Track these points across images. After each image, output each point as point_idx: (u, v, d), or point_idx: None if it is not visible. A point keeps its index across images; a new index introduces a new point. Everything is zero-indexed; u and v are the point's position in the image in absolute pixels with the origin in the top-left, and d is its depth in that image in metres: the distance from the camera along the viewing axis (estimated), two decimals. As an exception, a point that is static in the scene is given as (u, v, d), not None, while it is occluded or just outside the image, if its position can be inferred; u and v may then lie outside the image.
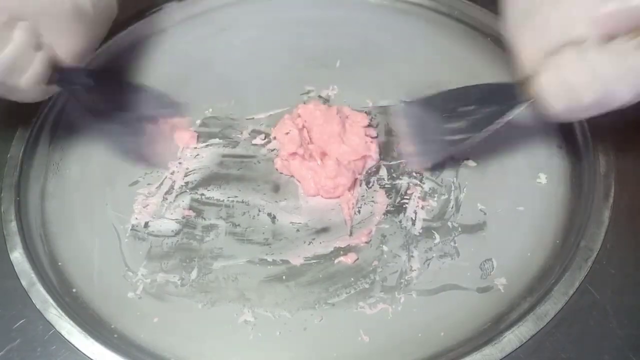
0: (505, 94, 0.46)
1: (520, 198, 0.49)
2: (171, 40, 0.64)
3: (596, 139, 0.51)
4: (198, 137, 0.55)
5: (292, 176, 0.52)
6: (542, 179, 0.51)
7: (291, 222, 0.49)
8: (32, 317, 0.43)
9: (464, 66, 0.59)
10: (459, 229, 0.48)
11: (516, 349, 0.40)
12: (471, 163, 0.52)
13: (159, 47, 0.64)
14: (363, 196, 0.51)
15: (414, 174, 0.52)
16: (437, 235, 0.48)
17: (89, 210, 0.51)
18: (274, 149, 0.54)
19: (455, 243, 0.47)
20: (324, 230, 0.49)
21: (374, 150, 0.52)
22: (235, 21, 0.65)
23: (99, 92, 0.51)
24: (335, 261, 0.47)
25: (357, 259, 0.47)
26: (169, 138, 0.55)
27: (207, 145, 0.55)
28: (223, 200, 0.51)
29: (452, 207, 0.49)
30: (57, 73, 0.47)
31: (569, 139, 0.53)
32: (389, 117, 0.56)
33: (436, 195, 0.50)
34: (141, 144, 0.53)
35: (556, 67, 0.42)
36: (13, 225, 0.48)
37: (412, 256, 0.47)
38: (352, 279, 0.46)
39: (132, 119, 0.52)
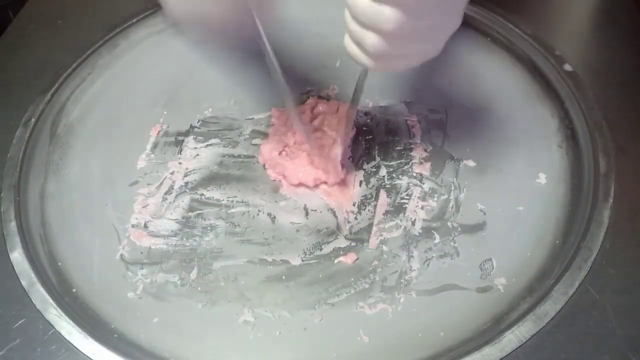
0: None
1: (520, 198, 0.49)
2: (171, 40, 0.64)
3: (596, 139, 0.51)
4: None
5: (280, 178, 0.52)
6: (542, 179, 0.51)
7: (291, 222, 0.49)
8: (32, 317, 0.43)
9: (463, 66, 0.59)
10: (459, 229, 0.48)
11: (516, 349, 0.40)
12: (471, 163, 0.52)
13: (159, 47, 0.64)
14: (363, 196, 0.51)
15: (414, 174, 0.52)
16: (437, 235, 0.48)
17: (89, 210, 0.51)
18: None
19: (455, 243, 0.47)
20: (324, 230, 0.49)
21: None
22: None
23: None
24: (335, 261, 0.47)
25: (357, 259, 0.47)
26: None
27: (207, 145, 0.55)
28: (223, 200, 0.51)
29: (452, 207, 0.49)
30: None
31: (569, 139, 0.53)
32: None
33: (436, 195, 0.50)
34: None
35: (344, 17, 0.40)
36: (13, 225, 0.48)
37: (412, 256, 0.47)
38: (352, 279, 0.46)
39: None
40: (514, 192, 0.50)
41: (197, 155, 0.54)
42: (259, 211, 0.50)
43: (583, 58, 0.58)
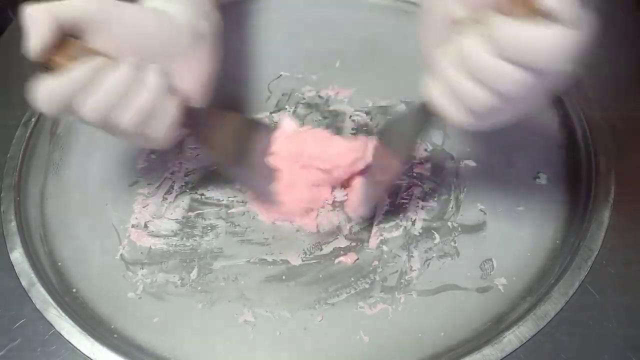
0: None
1: (520, 198, 0.49)
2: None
3: (596, 139, 0.51)
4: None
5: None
6: (542, 179, 0.51)
7: (291, 223, 0.49)
8: (32, 317, 0.43)
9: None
10: (459, 229, 0.48)
11: (516, 349, 0.40)
12: (471, 163, 0.52)
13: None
14: (363, 196, 0.51)
15: (414, 174, 0.52)
16: (437, 235, 0.48)
17: (89, 210, 0.51)
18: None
19: (455, 243, 0.47)
20: (324, 230, 0.49)
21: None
22: (235, 21, 0.64)
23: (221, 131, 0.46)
24: (335, 261, 0.47)
25: (357, 259, 0.47)
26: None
27: (207, 145, 0.55)
28: (223, 200, 0.51)
29: (452, 207, 0.49)
30: (187, 115, 0.42)
31: (569, 139, 0.53)
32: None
33: (436, 195, 0.50)
34: (269, 185, 0.48)
35: (436, 62, 0.36)
36: (13, 225, 0.48)
37: (412, 256, 0.47)
38: (352, 279, 0.46)
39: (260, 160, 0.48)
40: (514, 192, 0.50)
41: (197, 155, 0.54)
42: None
43: (583, 58, 0.58)
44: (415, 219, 0.49)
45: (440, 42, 0.36)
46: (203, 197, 0.51)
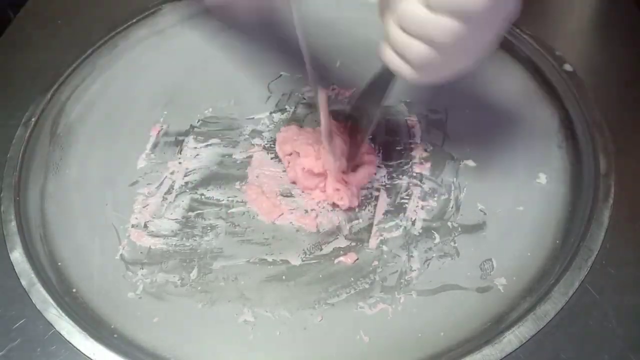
0: None
1: (520, 198, 0.49)
2: (171, 41, 0.64)
3: (596, 139, 0.51)
4: None
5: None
6: (542, 179, 0.51)
7: (291, 222, 0.49)
8: (32, 317, 0.43)
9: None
10: (459, 229, 0.48)
11: (516, 349, 0.40)
12: (471, 163, 0.52)
13: (159, 47, 0.64)
14: (363, 196, 0.51)
15: (414, 174, 0.52)
16: (437, 235, 0.48)
17: (89, 210, 0.51)
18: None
19: (455, 243, 0.47)
20: (324, 230, 0.49)
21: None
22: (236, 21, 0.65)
23: None
24: (335, 261, 0.47)
25: (357, 259, 0.47)
26: None
27: (207, 145, 0.55)
28: (223, 200, 0.51)
29: (452, 207, 0.49)
30: None
31: (569, 139, 0.53)
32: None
33: (436, 195, 0.50)
34: None
35: (385, 25, 0.39)
36: (13, 225, 0.48)
37: (412, 256, 0.47)
38: (352, 279, 0.46)
39: None
40: (514, 192, 0.50)
41: (197, 155, 0.54)
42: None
43: (583, 58, 0.58)
44: (415, 219, 0.49)
45: (392, 7, 0.39)
46: (203, 197, 0.51)
